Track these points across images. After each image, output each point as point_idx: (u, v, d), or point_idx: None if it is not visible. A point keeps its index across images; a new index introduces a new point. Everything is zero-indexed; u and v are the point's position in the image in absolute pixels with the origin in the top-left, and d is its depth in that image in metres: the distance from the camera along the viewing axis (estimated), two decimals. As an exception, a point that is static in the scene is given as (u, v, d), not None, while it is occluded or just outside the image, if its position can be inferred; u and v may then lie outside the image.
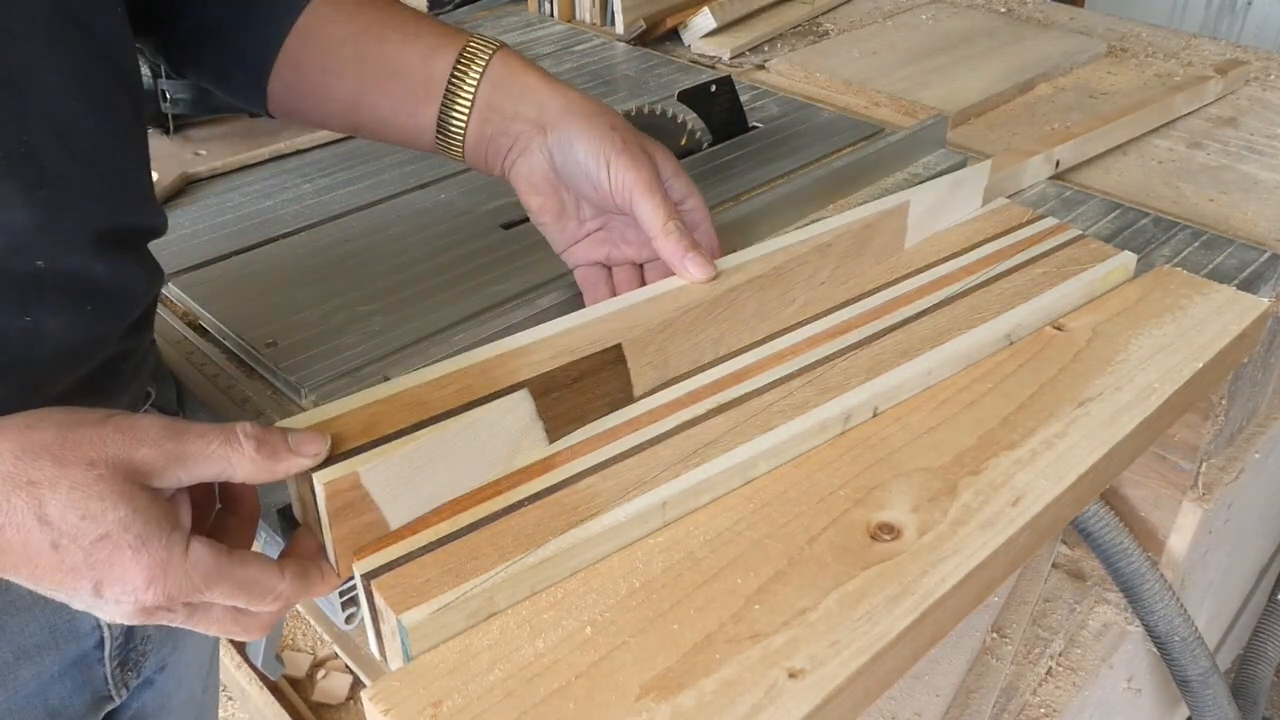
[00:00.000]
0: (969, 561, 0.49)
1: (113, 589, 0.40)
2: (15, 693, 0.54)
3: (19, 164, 0.44)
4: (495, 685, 0.43)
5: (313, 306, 0.75)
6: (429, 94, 0.61)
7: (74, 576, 0.40)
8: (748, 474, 0.54)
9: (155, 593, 0.41)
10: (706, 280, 0.60)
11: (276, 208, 0.89)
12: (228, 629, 0.45)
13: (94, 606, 0.42)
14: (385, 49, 0.61)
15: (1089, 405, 0.58)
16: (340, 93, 0.62)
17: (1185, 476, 0.81)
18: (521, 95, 0.60)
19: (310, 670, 1.36)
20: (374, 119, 0.63)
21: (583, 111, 0.60)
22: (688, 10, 1.25)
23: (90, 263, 0.49)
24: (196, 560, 0.42)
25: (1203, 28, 2.54)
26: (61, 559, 0.39)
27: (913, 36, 1.23)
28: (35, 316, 0.47)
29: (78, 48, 0.47)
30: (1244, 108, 1.07)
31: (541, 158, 0.61)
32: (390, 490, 0.48)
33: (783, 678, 0.43)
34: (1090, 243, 0.71)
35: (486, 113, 0.61)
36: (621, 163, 0.59)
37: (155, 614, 0.42)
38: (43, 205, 0.46)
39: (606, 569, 0.49)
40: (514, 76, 0.61)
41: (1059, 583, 0.91)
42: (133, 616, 0.42)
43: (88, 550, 0.40)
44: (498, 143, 0.62)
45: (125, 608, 0.41)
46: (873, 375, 0.59)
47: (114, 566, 0.40)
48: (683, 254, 0.59)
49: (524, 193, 0.63)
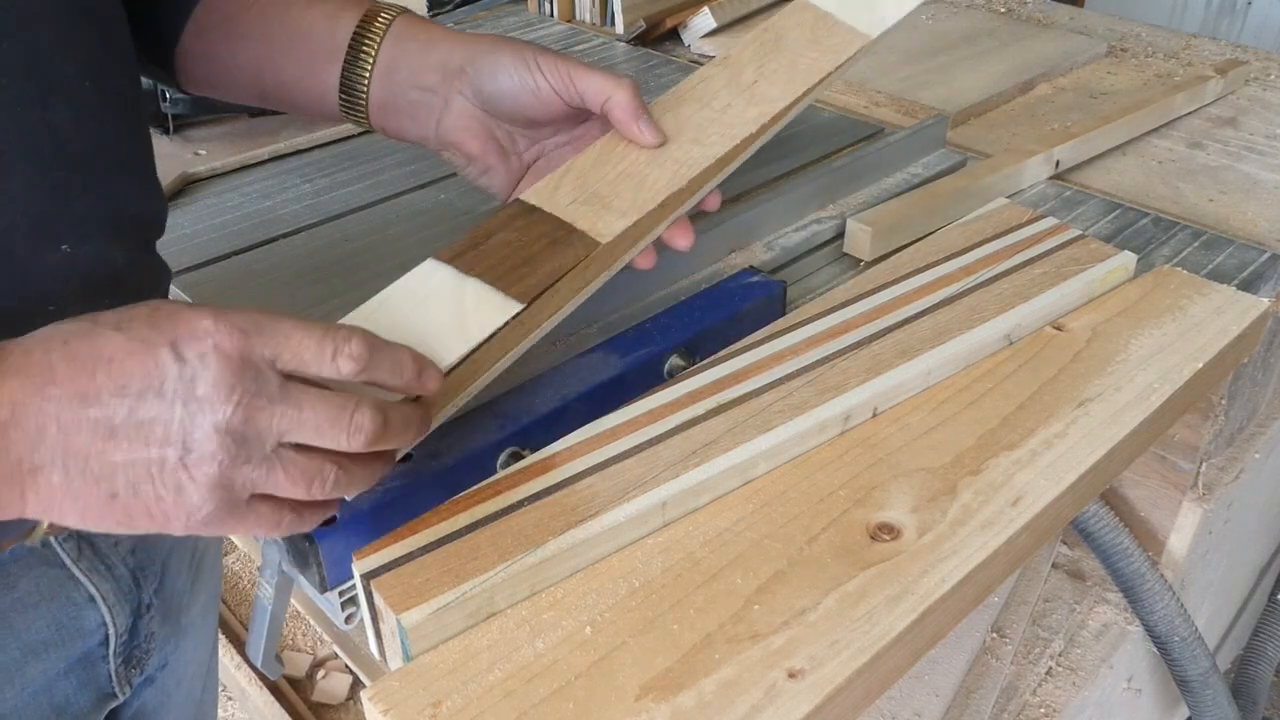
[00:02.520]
0: (969, 562, 0.49)
1: (188, 343, 0.39)
2: (22, 690, 0.54)
3: (41, 146, 0.45)
4: (495, 685, 0.43)
5: (313, 306, 0.75)
6: (332, 56, 0.61)
7: (147, 349, 0.39)
8: (747, 474, 0.54)
9: (227, 331, 0.39)
10: (659, 143, 0.61)
11: (276, 208, 0.89)
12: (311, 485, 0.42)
13: (186, 396, 0.39)
14: (290, 13, 0.62)
15: (1089, 405, 0.58)
16: (245, 59, 0.62)
17: (1185, 476, 0.81)
18: (426, 50, 0.61)
19: (310, 670, 1.36)
20: (278, 83, 0.63)
21: (492, 40, 0.61)
22: (688, 10, 1.25)
23: (109, 250, 0.50)
24: (252, 307, 0.41)
25: (1203, 28, 2.54)
26: (129, 339, 0.39)
27: (913, 36, 1.23)
28: (59, 307, 0.47)
29: (90, 35, 0.48)
30: (1244, 108, 1.07)
31: (466, 101, 0.61)
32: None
33: (782, 678, 0.43)
34: (1090, 243, 0.71)
35: (389, 72, 0.61)
36: (548, 57, 0.59)
37: (247, 404, 0.39)
38: (61, 187, 0.46)
39: (606, 569, 0.49)
40: (416, 34, 0.61)
41: (1059, 583, 0.91)
42: (224, 395, 0.39)
43: (148, 318, 0.39)
44: (410, 99, 0.61)
45: (211, 372, 0.39)
46: (872, 375, 0.59)
47: (177, 318, 0.39)
48: (636, 115, 0.60)
49: (461, 142, 0.62)
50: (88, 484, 0.39)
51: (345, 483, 0.43)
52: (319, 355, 0.41)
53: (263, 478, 0.41)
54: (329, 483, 0.42)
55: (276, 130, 1.02)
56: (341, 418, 0.42)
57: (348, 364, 0.42)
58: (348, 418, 0.42)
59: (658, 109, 0.64)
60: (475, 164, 0.63)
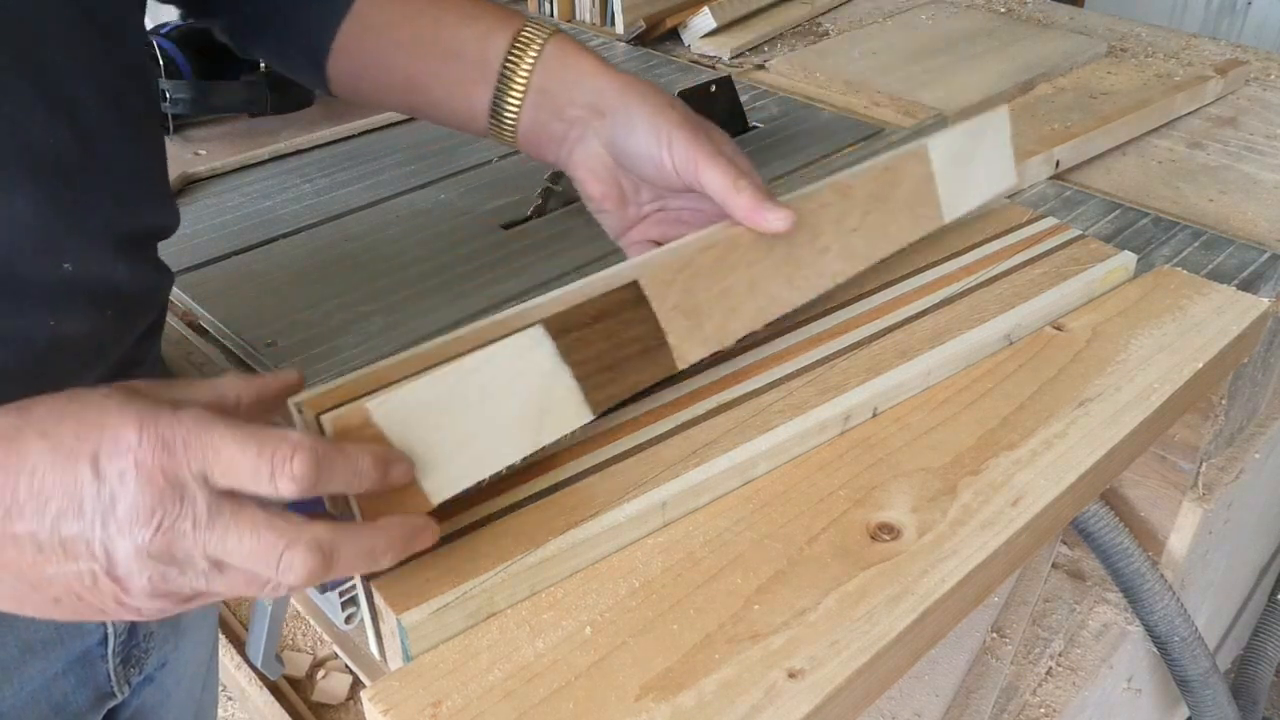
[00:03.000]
0: (969, 562, 0.49)
1: (109, 458, 0.36)
2: (20, 689, 0.54)
3: (46, 166, 0.45)
4: (495, 685, 0.43)
5: (313, 306, 0.75)
6: (483, 78, 0.61)
7: (68, 463, 0.36)
8: (747, 474, 0.54)
9: (150, 445, 0.36)
10: (789, 228, 0.57)
11: (276, 208, 0.89)
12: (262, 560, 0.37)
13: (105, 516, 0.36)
14: (441, 32, 0.61)
15: (1089, 405, 0.58)
16: (396, 75, 0.62)
17: (1185, 476, 0.81)
18: (577, 82, 0.60)
19: (310, 670, 1.36)
20: (428, 101, 0.63)
21: (639, 92, 0.59)
22: (688, 10, 1.25)
23: (112, 265, 0.49)
24: (188, 411, 0.37)
25: (1203, 28, 2.54)
26: (53, 449, 0.36)
27: (913, 36, 1.23)
28: (59, 321, 0.47)
29: (102, 51, 0.47)
30: (1244, 108, 1.07)
31: (599, 144, 0.60)
32: (411, 433, 0.44)
33: (782, 678, 0.43)
34: (1090, 243, 0.71)
35: (540, 99, 0.60)
36: (682, 136, 0.58)
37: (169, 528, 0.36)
38: (68, 206, 0.46)
39: (606, 569, 0.49)
40: (569, 62, 0.60)
41: (1059, 583, 0.91)
42: (144, 518, 0.36)
43: (76, 422, 0.37)
44: (552, 130, 0.61)
45: (129, 492, 0.36)
46: (872, 375, 0.59)
47: (104, 426, 0.37)
48: (759, 205, 0.57)
49: (583, 181, 0.62)
50: (29, 591, 0.37)
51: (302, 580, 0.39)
52: (255, 474, 0.37)
53: (203, 585, 0.38)
54: (280, 587, 0.39)
55: (276, 130, 1.02)
56: (269, 556, 0.38)
57: (288, 485, 0.38)
58: (276, 557, 0.38)
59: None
60: (593, 203, 0.63)
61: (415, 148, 1.00)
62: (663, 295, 0.55)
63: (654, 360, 0.54)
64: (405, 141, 1.02)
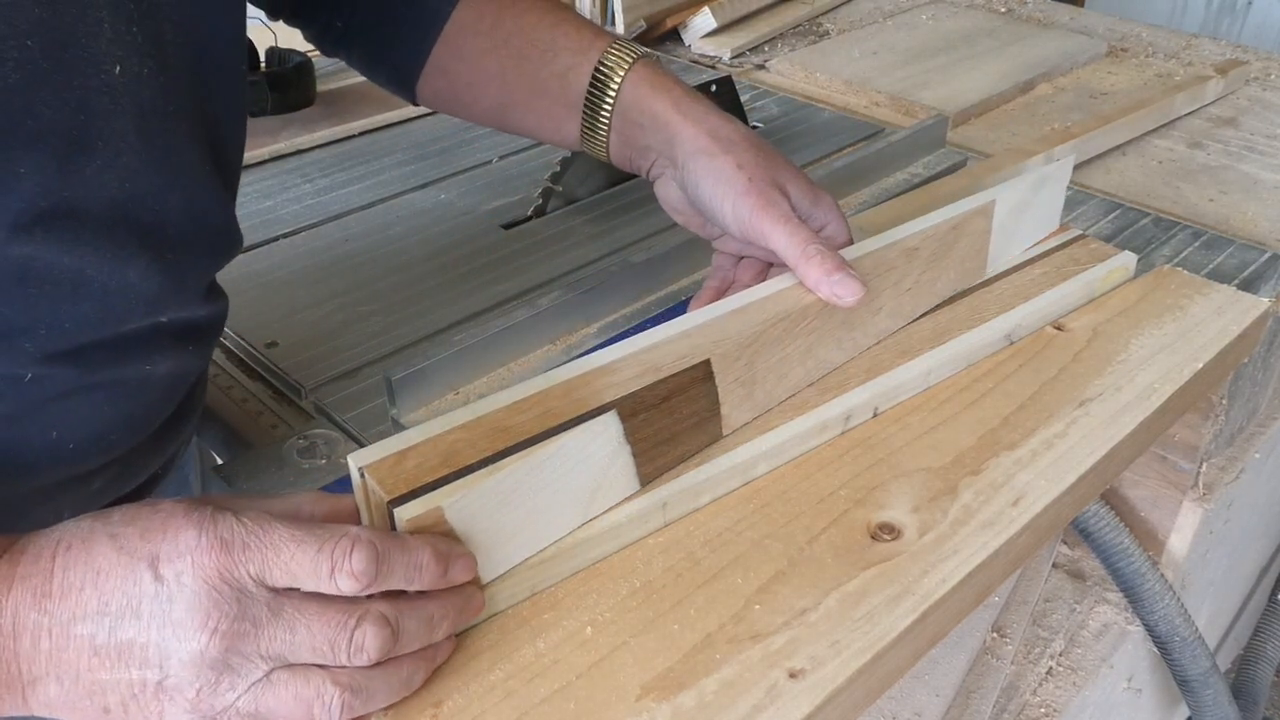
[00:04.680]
0: (969, 562, 0.49)
1: (168, 561, 0.37)
2: None
3: (154, 235, 0.45)
4: (495, 685, 0.43)
5: (313, 306, 0.75)
6: (570, 113, 0.63)
7: (129, 565, 0.37)
8: (748, 474, 0.54)
9: (208, 547, 0.36)
10: (858, 301, 0.56)
11: (276, 208, 0.89)
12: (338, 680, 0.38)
13: (163, 619, 0.36)
14: (525, 67, 0.63)
15: (1089, 405, 0.58)
16: (487, 104, 0.66)
17: (1185, 476, 0.81)
18: (651, 128, 0.61)
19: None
20: (522, 129, 0.67)
21: (707, 151, 0.58)
22: (688, 10, 1.25)
23: (200, 309, 0.51)
24: (249, 513, 0.38)
25: (1203, 28, 2.54)
26: (118, 551, 0.37)
27: (913, 36, 1.23)
28: (153, 363, 0.49)
29: (207, 124, 0.48)
30: (1244, 108, 1.07)
31: (675, 185, 0.62)
32: (474, 524, 0.44)
33: (783, 678, 0.43)
34: (1090, 243, 0.71)
35: (621, 136, 0.62)
36: (746, 204, 0.57)
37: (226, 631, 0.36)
38: (172, 268, 0.47)
39: (606, 569, 0.49)
40: (643, 106, 0.61)
41: (1059, 583, 0.91)
42: (199, 620, 0.36)
43: (144, 524, 0.37)
44: (637, 163, 0.63)
45: (186, 594, 0.36)
46: (873, 375, 0.59)
47: (167, 528, 0.37)
48: (827, 276, 0.55)
49: (666, 206, 0.64)
50: (82, 697, 0.37)
51: (358, 704, 0.39)
52: (314, 572, 0.38)
53: (249, 705, 0.38)
54: (334, 709, 0.38)
55: (276, 130, 1.02)
56: (341, 635, 0.38)
57: (348, 582, 0.38)
58: (348, 634, 0.38)
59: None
60: (677, 219, 0.65)
61: (415, 148, 1.01)
62: (728, 370, 0.54)
63: (704, 430, 0.54)
64: (405, 141, 1.02)
